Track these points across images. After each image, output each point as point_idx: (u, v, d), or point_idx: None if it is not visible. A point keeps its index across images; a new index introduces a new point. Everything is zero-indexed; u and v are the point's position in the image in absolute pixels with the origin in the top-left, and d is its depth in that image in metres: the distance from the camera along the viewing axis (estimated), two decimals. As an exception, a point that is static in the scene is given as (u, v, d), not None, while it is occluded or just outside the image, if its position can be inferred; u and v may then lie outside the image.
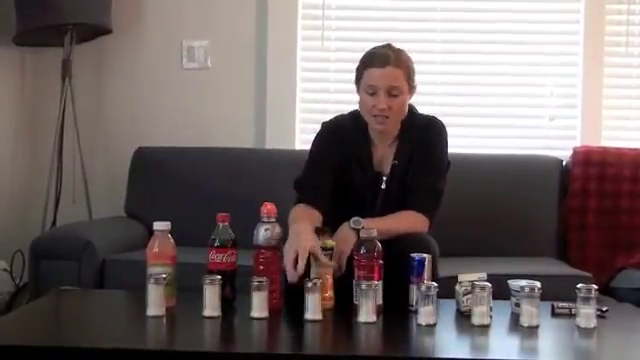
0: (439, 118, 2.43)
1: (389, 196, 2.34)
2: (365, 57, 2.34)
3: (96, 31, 3.17)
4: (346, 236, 2.15)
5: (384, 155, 2.37)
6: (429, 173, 2.35)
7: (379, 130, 2.34)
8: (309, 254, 2.01)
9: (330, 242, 2.07)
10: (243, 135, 3.29)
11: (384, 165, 2.37)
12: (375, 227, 2.08)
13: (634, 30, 3.23)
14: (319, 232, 2.10)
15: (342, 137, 2.38)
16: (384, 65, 2.28)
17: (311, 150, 2.44)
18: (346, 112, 2.46)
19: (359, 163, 2.36)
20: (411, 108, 2.41)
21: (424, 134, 2.36)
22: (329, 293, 2.02)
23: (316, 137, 2.44)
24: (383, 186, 2.35)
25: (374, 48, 2.35)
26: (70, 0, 2.99)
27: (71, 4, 2.99)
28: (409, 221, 2.28)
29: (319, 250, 2.05)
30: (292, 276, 2.01)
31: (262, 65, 3.30)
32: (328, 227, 2.15)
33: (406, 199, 2.33)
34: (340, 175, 2.36)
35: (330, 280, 2.03)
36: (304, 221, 2.17)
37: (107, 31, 3.16)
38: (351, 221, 2.18)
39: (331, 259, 2.05)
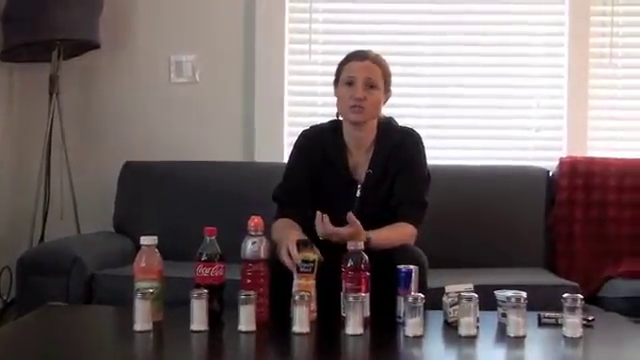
0: (417, 130, 2.46)
1: (364, 205, 2.36)
2: (345, 56, 2.42)
3: (84, 46, 3.18)
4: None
5: (359, 162, 2.40)
6: (414, 184, 2.38)
7: (355, 120, 2.36)
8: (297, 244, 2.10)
9: (312, 255, 2.07)
10: (231, 149, 3.30)
11: (359, 173, 2.40)
12: (375, 238, 2.14)
13: (618, 41, 3.26)
14: (301, 244, 2.10)
15: (318, 143, 2.42)
16: (363, 59, 2.37)
17: (289, 160, 2.49)
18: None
19: (333, 168, 2.39)
20: (390, 119, 2.44)
21: (400, 145, 2.39)
22: (312, 306, 2.02)
23: (294, 146, 2.49)
24: (358, 194, 2.37)
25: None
26: (57, 16, 3.00)
27: (58, 20, 3.00)
28: (403, 233, 2.31)
29: (304, 236, 2.15)
30: (291, 265, 2.07)
31: (250, 79, 3.31)
32: (309, 239, 2.16)
33: (393, 210, 2.34)
34: (316, 181, 2.39)
35: (313, 294, 2.04)
36: (290, 229, 2.25)
37: (95, 46, 3.17)
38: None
39: (312, 272, 2.05)
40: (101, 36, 3.15)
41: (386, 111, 2.47)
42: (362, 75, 2.34)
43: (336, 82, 2.41)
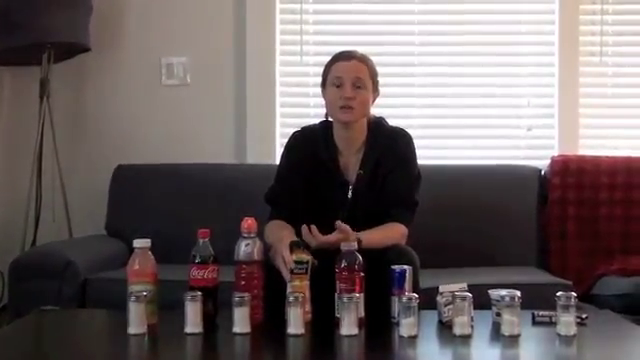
0: (408, 130, 2.46)
1: (356, 206, 2.36)
2: (332, 57, 2.42)
3: (74, 49, 3.17)
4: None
5: (349, 163, 2.41)
6: (405, 184, 2.39)
7: (345, 120, 2.36)
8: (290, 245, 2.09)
9: (305, 256, 2.07)
10: (223, 150, 3.29)
11: (350, 174, 2.40)
12: (366, 239, 2.14)
13: (607, 40, 3.28)
14: (294, 246, 2.10)
15: (309, 144, 2.42)
16: (350, 59, 2.37)
17: (280, 161, 2.49)
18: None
19: (324, 169, 2.39)
20: (380, 119, 2.45)
21: (391, 145, 2.40)
22: (306, 307, 2.02)
23: (285, 147, 2.49)
24: (349, 195, 2.37)
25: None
26: (48, 19, 2.99)
27: (49, 23, 2.99)
28: (395, 232, 2.32)
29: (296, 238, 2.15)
30: (287, 274, 2.06)
31: (241, 80, 3.31)
32: (302, 241, 2.16)
33: (384, 211, 2.35)
34: (307, 182, 2.39)
35: (307, 295, 2.04)
36: (283, 231, 2.24)
37: (85, 49, 3.15)
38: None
39: (306, 273, 2.05)
40: (91, 39, 3.13)
41: (378, 111, 2.47)
42: (350, 75, 2.33)
43: (323, 84, 2.41)
